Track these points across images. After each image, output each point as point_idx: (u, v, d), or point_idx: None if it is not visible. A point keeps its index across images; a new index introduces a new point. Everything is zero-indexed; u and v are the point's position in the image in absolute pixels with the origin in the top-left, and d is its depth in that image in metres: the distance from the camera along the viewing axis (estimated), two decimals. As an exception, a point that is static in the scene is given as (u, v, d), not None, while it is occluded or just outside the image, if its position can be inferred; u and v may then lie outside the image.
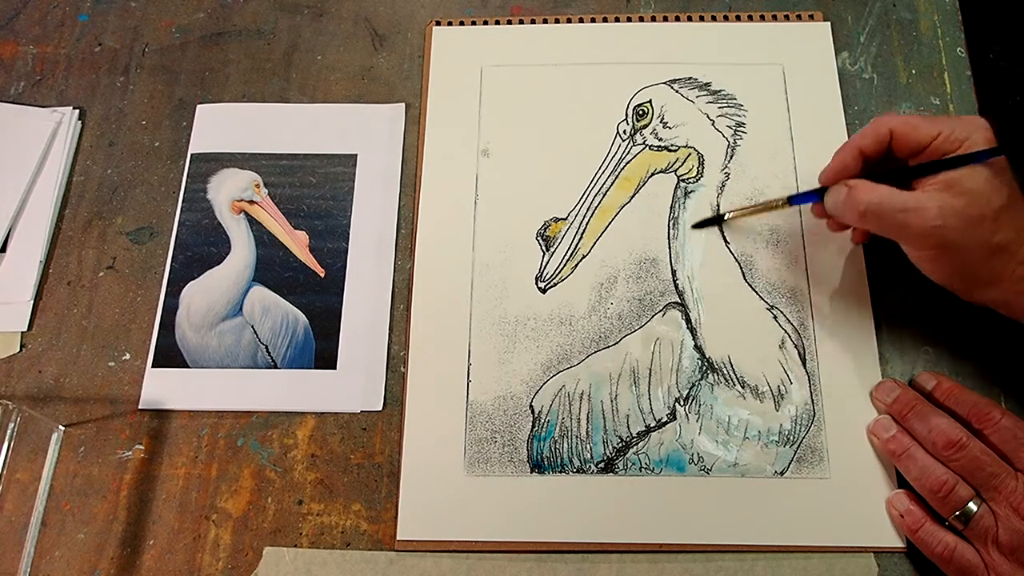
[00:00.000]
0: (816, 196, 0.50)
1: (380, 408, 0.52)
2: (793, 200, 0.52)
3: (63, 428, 0.52)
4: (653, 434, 0.51)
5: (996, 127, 0.45)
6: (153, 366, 0.54)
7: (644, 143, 0.58)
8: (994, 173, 0.44)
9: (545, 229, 0.56)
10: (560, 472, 0.50)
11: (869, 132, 0.47)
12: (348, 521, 0.50)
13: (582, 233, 0.56)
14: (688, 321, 0.53)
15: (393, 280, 0.56)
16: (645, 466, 0.50)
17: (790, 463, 0.50)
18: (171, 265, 0.56)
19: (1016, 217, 0.44)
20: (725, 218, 0.55)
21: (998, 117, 0.46)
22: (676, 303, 0.54)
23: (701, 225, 0.55)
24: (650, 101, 0.59)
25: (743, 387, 0.51)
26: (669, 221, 0.56)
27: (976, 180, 0.43)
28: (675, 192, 0.57)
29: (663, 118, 0.58)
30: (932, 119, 0.46)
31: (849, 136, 0.57)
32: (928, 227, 0.44)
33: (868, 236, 0.53)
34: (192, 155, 0.60)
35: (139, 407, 0.53)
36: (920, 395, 0.49)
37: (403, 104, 0.61)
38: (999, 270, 0.45)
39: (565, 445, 0.51)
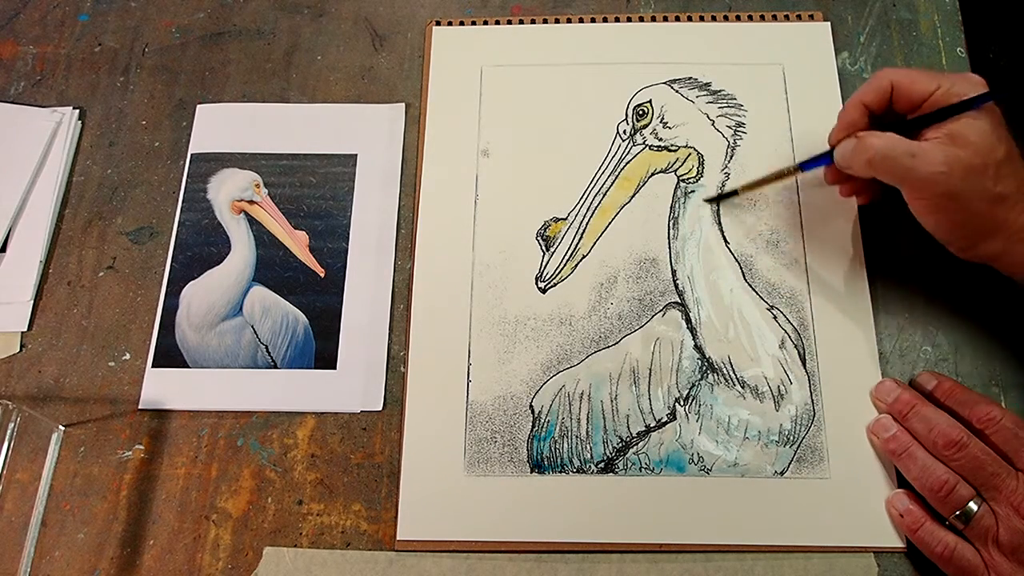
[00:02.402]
0: (826, 159, 0.51)
1: (380, 408, 0.52)
2: (804, 166, 0.52)
3: (63, 428, 0.52)
4: (653, 434, 0.51)
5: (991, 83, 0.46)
6: (153, 366, 0.54)
7: (644, 143, 0.58)
8: (994, 126, 0.45)
9: (545, 229, 0.56)
10: (560, 472, 0.50)
11: (871, 86, 0.48)
12: (348, 521, 0.50)
13: (582, 233, 0.56)
14: (688, 321, 0.53)
15: (393, 280, 0.56)
16: (645, 466, 0.50)
17: (790, 463, 0.50)
18: (171, 265, 0.56)
19: (1017, 169, 0.45)
20: (738, 191, 0.55)
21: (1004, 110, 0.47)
22: (676, 303, 0.54)
23: (715, 200, 0.56)
24: (650, 101, 0.59)
25: (743, 387, 0.51)
26: (669, 221, 0.56)
27: (978, 132, 0.45)
28: (675, 192, 0.57)
29: (663, 118, 0.58)
30: (931, 74, 0.47)
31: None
32: (935, 172, 0.45)
33: (874, 195, 0.53)
34: (192, 155, 0.60)
35: (139, 407, 0.53)
36: (920, 395, 0.49)
37: (403, 104, 0.61)
38: (999, 220, 0.46)
39: (565, 445, 0.51)
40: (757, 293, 0.54)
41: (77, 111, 0.61)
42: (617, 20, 0.62)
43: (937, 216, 0.47)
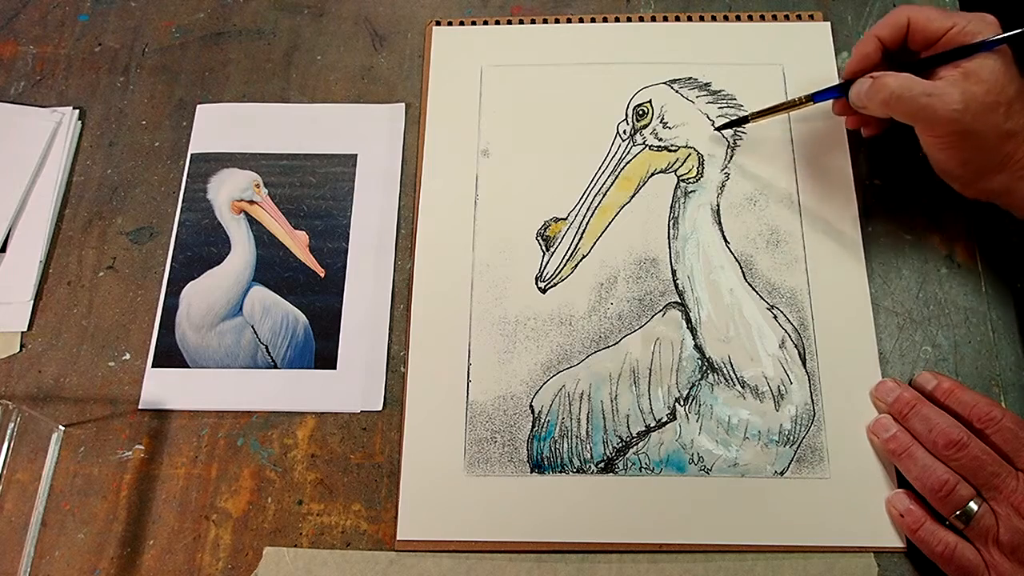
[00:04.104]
0: (839, 92, 0.52)
1: (380, 408, 0.52)
2: (817, 97, 0.53)
3: (63, 428, 0.52)
4: (653, 434, 0.51)
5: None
6: (153, 366, 0.54)
7: (644, 143, 0.58)
8: (1006, 65, 0.47)
9: (545, 229, 0.56)
10: (560, 472, 0.50)
11: (888, 21, 0.50)
12: (348, 521, 0.50)
13: (582, 233, 0.56)
14: (688, 321, 0.53)
15: (393, 280, 0.56)
16: (645, 466, 0.50)
17: (790, 463, 0.50)
18: (171, 265, 0.56)
19: None
20: (749, 119, 0.56)
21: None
22: (676, 303, 0.54)
23: (726, 127, 0.57)
24: (650, 101, 0.59)
25: (743, 387, 0.51)
26: (669, 221, 0.56)
27: (992, 70, 0.46)
28: (675, 192, 0.57)
29: (663, 118, 0.58)
30: (947, 13, 0.49)
31: (848, 135, 0.57)
32: (951, 111, 0.46)
33: (879, 128, 0.55)
34: (192, 155, 0.60)
35: (139, 407, 0.53)
36: (920, 395, 0.49)
37: (403, 104, 0.61)
38: (1007, 156, 0.48)
39: (565, 445, 0.51)
40: (757, 293, 0.54)
41: (77, 111, 0.61)
42: (617, 20, 0.62)
43: (949, 152, 0.49)
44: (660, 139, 0.58)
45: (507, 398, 0.52)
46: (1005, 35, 0.47)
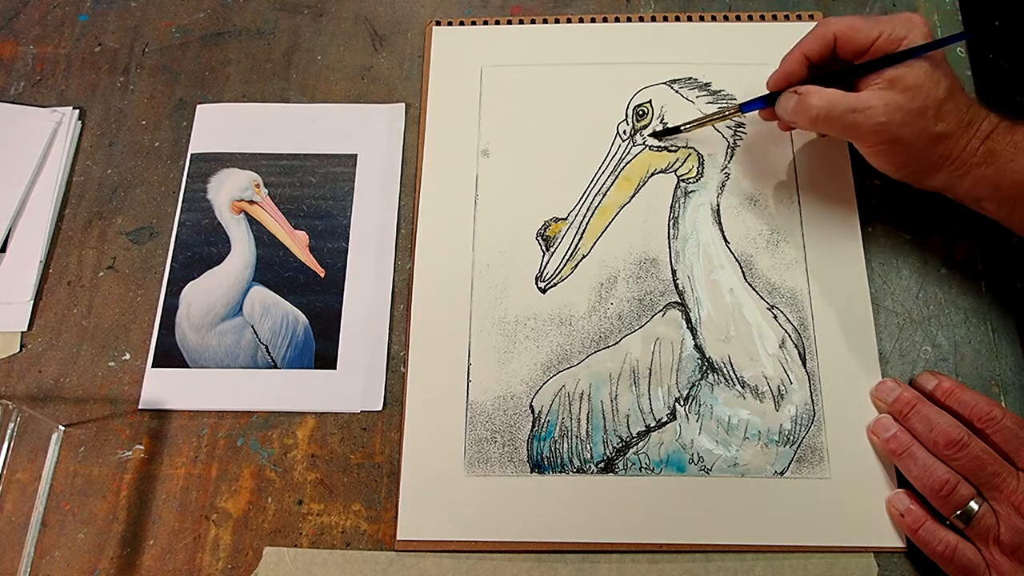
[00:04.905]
0: (765, 102, 0.53)
1: (380, 408, 0.52)
2: (744, 107, 0.54)
3: (63, 428, 0.52)
4: (653, 434, 0.51)
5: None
6: (153, 366, 0.54)
7: (644, 143, 0.58)
8: (933, 67, 0.47)
9: (545, 229, 0.56)
10: (560, 472, 0.50)
11: (814, 37, 0.50)
12: (348, 521, 0.50)
13: (582, 233, 0.56)
14: (688, 321, 0.53)
15: (393, 280, 0.56)
16: (645, 466, 0.50)
17: (790, 463, 0.50)
18: (171, 265, 0.56)
19: (956, 107, 0.47)
20: (681, 129, 0.56)
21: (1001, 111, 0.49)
22: (676, 303, 0.54)
23: (659, 135, 0.57)
24: (650, 101, 0.59)
25: (743, 387, 0.51)
26: (669, 221, 0.56)
27: (917, 75, 0.46)
28: (675, 192, 0.57)
29: (663, 118, 0.58)
30: (873, 20, 0.49)
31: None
32: (876, 123, 0.47)
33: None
34: (192, 155, 0.60)
35: (139, 407, 0.53)
36: (920, 395, 0.49)
37: (403, 104, 0.61)
38: (943, 156, 0.48)
39: (565, 445, 0.51)
40: (757, 293, 0.54)
41: (77, 111, 0.61)
42: (617, 20, 0.62)
43: (884, 157, 0.50)
44: (660, 139, 0.58)
45: (507, 398, 0.52)
46: (923, 45, 0.46)
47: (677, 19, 0.62)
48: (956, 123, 0.47)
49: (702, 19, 0.62)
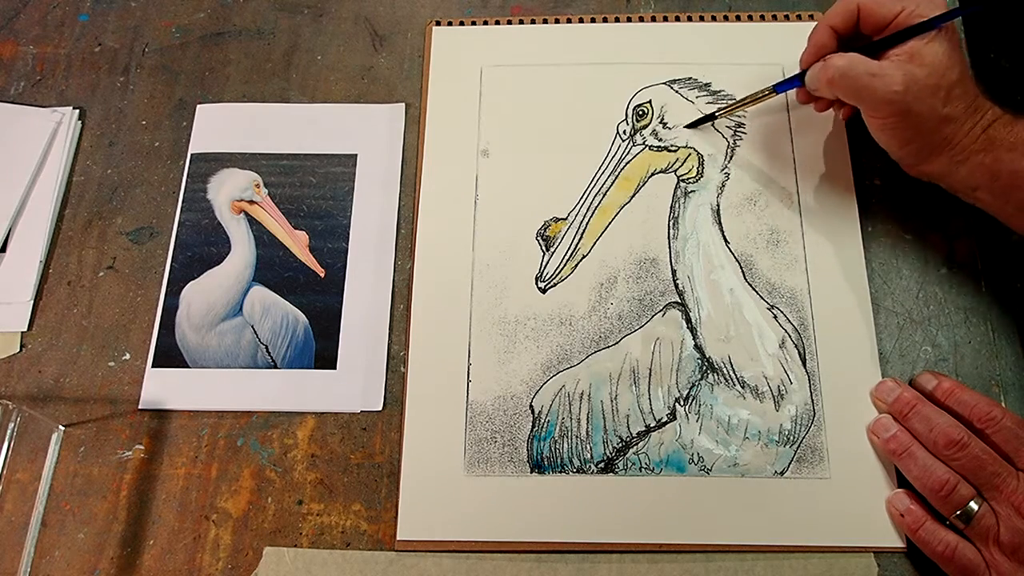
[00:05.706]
0: (799, 81, 0.53)
1: (380, 408, 0.52)
2: (778, 88, 0.54)
3: (63, 428, 0.52)
4: (653, 434, 0.51)
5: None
6: (153, 366, 0.54)
7: (644, 143, 0.58)
8: (951, 49, 0.47)
9: (545, 229, 0.56)
10: (560, 472, 0.50)
11: (838, 9, 0.51)
12: (348, 521, 0.50)
13: (582, 233, 0.56)
14: (688, 321, 0.53)
15: (393, 280, 0.56)
16: (645, 466, 0.50)
17: (790, 463, 0.50)
18: (171, 265, 0.56)
19: (965, 93, 0.48)
20: (716, 115, 0.57)
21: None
22: (676, 303, 0.54)
23: (696, 124, 0.58)
24: (650, 101, 0.59)
25: (743, 387, 0.51)
26: (669, 221, 0.56)
27: (936, 53, 0.47)
28: (675, 192, 0.57)
29: (663, 118, 0.58)
30: None
31: (848, 135, 0.57)
32: (892, 92, 0.47)
33: (852, 110, 0.55)
34: (192, 155, 0.60)
35: (139, 407, 0.53)
36: (920, 395, 0.49)
37: (403, 104, 0.61)
38: (946, 140, 0.48)
39: (565, 445, 0.51)
40: (757, 293, 0.54)
41: (77, 111, 0.61)
42: (617, 20, 0.62)
43: (890, 132, 0.50)
44: (660, 139, 0.58)
45: (507, 398, 0.52)
46: (944, 13, 0.47)
47: (677, 19, 0.62)
48: (963, 108, 0.47)
49: (702, 19, 0.62)
